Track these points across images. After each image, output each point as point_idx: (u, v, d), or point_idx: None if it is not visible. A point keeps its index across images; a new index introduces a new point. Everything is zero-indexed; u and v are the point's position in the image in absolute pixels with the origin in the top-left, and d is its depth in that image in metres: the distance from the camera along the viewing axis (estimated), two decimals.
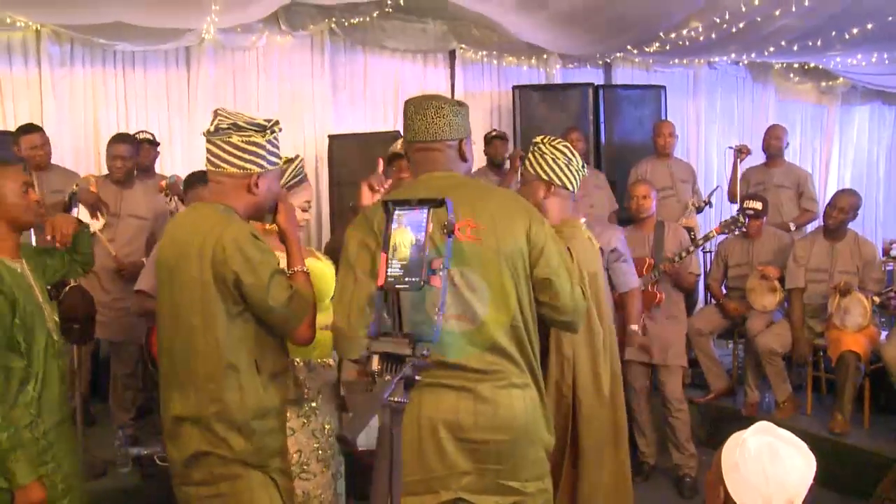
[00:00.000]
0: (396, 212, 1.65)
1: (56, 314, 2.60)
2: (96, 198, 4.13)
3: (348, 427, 1.37)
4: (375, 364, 1.55)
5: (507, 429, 2.16)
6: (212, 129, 2.28)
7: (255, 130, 2.28)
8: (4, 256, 2.44)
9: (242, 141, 2.26)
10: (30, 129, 4.89)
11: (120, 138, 4.90)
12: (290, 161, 2.82)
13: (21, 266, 2.49)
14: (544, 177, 2.96)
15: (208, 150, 2.31)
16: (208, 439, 2.24)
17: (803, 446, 1.79)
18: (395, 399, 1.50)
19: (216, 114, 2.31)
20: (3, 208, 2.45)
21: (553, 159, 2.96)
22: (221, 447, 2.23)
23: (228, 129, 2.26)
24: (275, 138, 2.33)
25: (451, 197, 2.17)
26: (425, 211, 1.63)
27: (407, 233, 1.62)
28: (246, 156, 2.27)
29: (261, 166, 2.30)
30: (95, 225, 4.26)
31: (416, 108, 2.28)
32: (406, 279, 1.59)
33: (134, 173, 4.92)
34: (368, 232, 2.17)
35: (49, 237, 2.80)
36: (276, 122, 2.34)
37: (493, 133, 6.41)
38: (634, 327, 4.01)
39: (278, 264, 2.29)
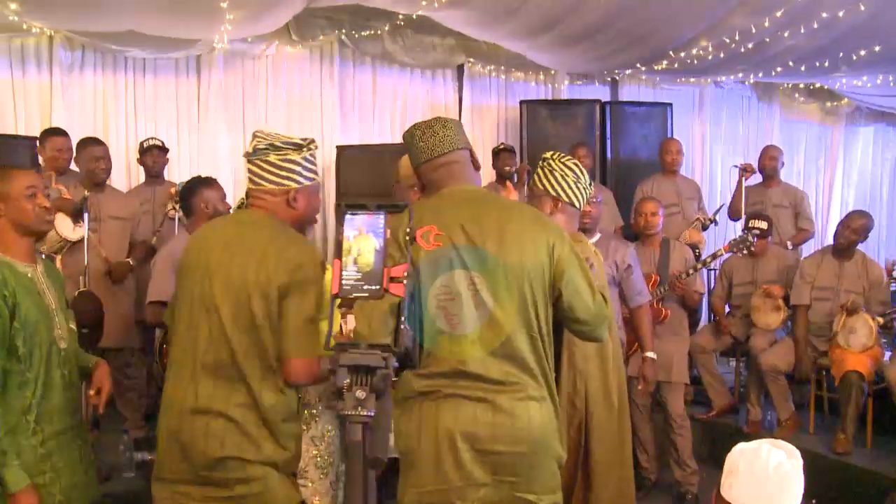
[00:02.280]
0: (347, 215, 1.56)
1: (73, 322, 2.56)
2: (73, 203, 4.12)
3: (377, 448, 1.35)
4: (343, 377, 1.47)
5: (524, 441, 2.17)
6: (250, 150, 2.39)
7: (292, 149, 2.37)
8: (16, 259, 2.43)
9: (279, 159, 2.35)
10: (56, 132, 4.91)
11: (92, 140, 4.86)
12: None
13: (34, 271, 2.47)
14: (552, 193, 2.99)
15: (249, 171, 2.40)
16: (232, 437, 2.22)
17: (793, 449, 1.87)
18: (364, 413, 1.44)
19: (255, 135, 2.41)
20: (8, 211, 2.44)
21: (562, 176, 2.99)
22: (244, 448, 2.22)
23: (266, 149, 2.36)
24: (311, 156, 2.42)
25: (476, 211, 2.20)
26: (381, 216, 1.56)
27: (370, 239, 1.56)
28: (283, 173, 2.36)
29: (298, 182, 2.38)
30: (77, 233, 4.26)
31: (422, 129, 2.34)
32: (365, 287, 1.53)
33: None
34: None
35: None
36: (312, 141, 2.43)
37: (501, 146, 6.41)
38: (652, 355, 3.88)
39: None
